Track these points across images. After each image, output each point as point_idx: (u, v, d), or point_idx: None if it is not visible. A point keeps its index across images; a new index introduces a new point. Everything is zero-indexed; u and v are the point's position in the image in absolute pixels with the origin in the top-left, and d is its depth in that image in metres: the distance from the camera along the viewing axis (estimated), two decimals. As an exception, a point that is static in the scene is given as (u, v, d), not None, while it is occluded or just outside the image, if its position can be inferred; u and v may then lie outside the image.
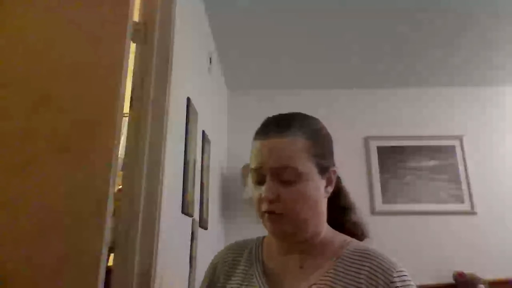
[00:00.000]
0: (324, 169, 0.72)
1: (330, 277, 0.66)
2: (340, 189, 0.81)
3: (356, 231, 0.79)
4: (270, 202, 0.68)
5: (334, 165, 0.75)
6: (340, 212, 0.80)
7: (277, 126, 0.71)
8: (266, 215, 0.69)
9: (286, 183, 0.68)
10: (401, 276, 0.64)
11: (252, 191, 0.74)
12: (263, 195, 0.68)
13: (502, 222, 2.82)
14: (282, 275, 0.72)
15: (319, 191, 0.71)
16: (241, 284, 0.74)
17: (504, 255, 2.69)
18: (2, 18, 1.15)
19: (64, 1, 1.17)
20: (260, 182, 0.70)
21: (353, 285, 0.64)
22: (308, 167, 0.69)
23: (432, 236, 2.80)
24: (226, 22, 2.30)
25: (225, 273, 0.79)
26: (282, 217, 0.68)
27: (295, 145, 0.69)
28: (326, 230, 0.74)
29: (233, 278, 0.77)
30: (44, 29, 1.14)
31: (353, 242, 0.73)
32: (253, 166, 0.72)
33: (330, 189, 0.74)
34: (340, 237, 0.75)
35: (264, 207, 0.69)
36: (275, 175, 0.68)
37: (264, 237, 0.84)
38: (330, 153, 0.76)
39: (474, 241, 2.77)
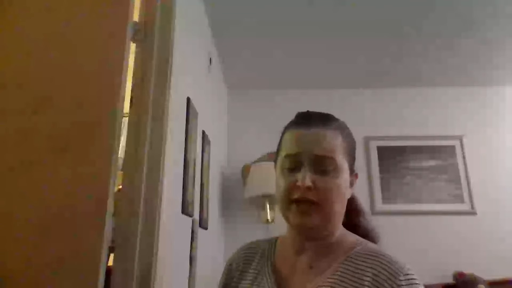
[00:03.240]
0: (351, 170, 0.74)
1: (336, 278, 0.66)
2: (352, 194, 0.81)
3: (368, 236, 0.78)
4: (306, 189, 0.66)
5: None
6: (353, 216, 0.80)
7: (319, 118, 0.73)
8: (295, 205, 0.68)
9: (323, 173, 0.68)
10: (409, 279, 0.62)
11: (279, 179, 0.72)
12: (299, 182, 0.66)
13: (502, 222, 2.81)
14: (291, 276, 0.72)
15: (347, 190, 0.72)
16: (252, 284, 0.74)
17: (504, 255, 2.69)
18: (2, 18, 1.15)
19: (64, 1, 1.17)
20: (293, 169, 0.69)
21: (356, 287, 0.63)
22: (344, 163, 0.71)
23: (432, 236, 2.80)
24: (226, 22, 2.30)
25: (238, 273, 0.79)
26: (313, 207, 0.67)
27: (337, 139, 0.72)
28: (340, 231, 0.74)
29: (245, 278, 0.77)
30: (44, 29, 1.14)
31: (364, 243, 0.72)
32: (290, 152, 0.71)
33: (351, 191, 0.75)
34: (352, 238, 0.74)
35: (297, 194, 0.67)
36: (314, 164, 0.68)
37: (278, 237, 0.83)
38: (355, 158, 0.77)
39: (474, 241, 2.77)
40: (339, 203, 0.70)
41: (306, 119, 0.74)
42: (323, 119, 0.74)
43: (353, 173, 0.75)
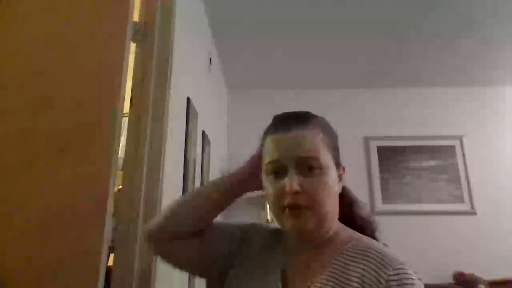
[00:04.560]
0: (338, 164, 0.73)
1: (327, 275, 0.65)
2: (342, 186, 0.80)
3: (366, 225, 0.78)
4: (295, 194, 0.65)
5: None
6: (348, 207, 0.79)
7: (296, 119, 0.72)
8: (287, 210, 0.67)
9: (309, 174, 0.67)
10: (400, 273, 0.59)
11: (267, 186, 0.71)
12: (287, 188, 0.65)
13: (502, 222, 2.82)
14: (291, 275, 0.71)
15: (336, 185, 0.71)
16: (258, 271, 0.74)
17: (504, 255, 2.69)
18: (2, 18, 1.15)
19: (64, 1, 1.17)
20: (278, 175, 0.68)
21: (346, 283, 0.62)
22: (329, 159, 0.70)
23: (432, 236, 2.81)
24: (226, 22, 2.30)
25: (254, 244, 0.79)
26: (304, 210, 0.66)
27: (317, 137, 0.70)
28: (335, 226, 0.73)
29: (253, 256, 0.77)
30: (44, 29, 1.14)
31: (359, 238, 0.71)
32: (272, 158, 0.70)
33: (341, 185, 0.74)
34: (347, 233, 0.73)
35: (287, 200, 0.66)
36: (298, 166, 0.67)
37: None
38: (339, 151, 0.76)
39: (474, 241, 2.77)
40: (330, 201, 0.69)
41: (284, 122, 0.72)
42: (301, 119, 0.72)
43: (340, 167, 0.74)
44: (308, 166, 0.67)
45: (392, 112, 3.17)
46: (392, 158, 3.04)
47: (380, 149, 3.06)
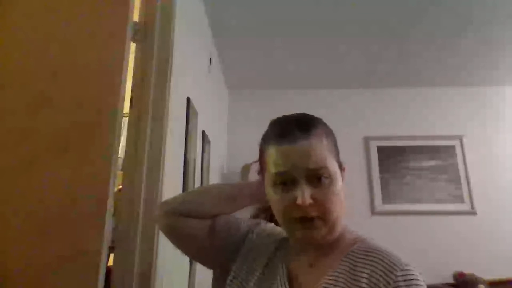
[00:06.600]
0: (340, 166, 0.73)
1: (334, 276, 0.66)
2: None
3: None
4: (307, 207, 0.64)
5: None
6: None
7: (299, 127, 0.69)
8: (299, 223, 0.66)
9: (319, 185, 0.66)
10: (407, 275, 0.60)
11: (274, 196, 0.69)
12: (298, 201, 0.64)
13: (502, 222, 2.82)
14: (295, 273, 0.72)
15: (342, 189, 0.71)
16: (263, 273, 0.75)
17: (504, 255, 2.69)
18: (2, 18, 1.15)
19: (64, 1, 1.17)
20: (287, 186, 0.67)
21: (355, 285, 0.63)
22: (335, 166, 0.69)
23: (432, 236, 2.80)
24: (226, 22, 2.30)
25: (259, 242, 0.80)
26: (317, 221, 0.66)
27: (322, 144, 0.68)
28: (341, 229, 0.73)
29: (258, 257, 0.78)
30: (44, 29, 1.14)
31: (363, 240, 0.71)
32: (279, 170, 0.67)
33: (343, 185, 0.73)
34: (352, 235, 0.73)
35: (299, 213, 0.65)
36: (308, 177, 0.66)
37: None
38: (338, 150, 0.75)
39: (474, 241, 2.77)
40: (340, 207, 0.69)
41: (288, 131, 0.69)
42: (304, 127, 0.69)
43: (341, 167, 0.73)
44: (317, 177, 0.66)
45: (392, 112, 3.17)
46: (392, 158, 3.04)
47: (380, 149, 3.06)
